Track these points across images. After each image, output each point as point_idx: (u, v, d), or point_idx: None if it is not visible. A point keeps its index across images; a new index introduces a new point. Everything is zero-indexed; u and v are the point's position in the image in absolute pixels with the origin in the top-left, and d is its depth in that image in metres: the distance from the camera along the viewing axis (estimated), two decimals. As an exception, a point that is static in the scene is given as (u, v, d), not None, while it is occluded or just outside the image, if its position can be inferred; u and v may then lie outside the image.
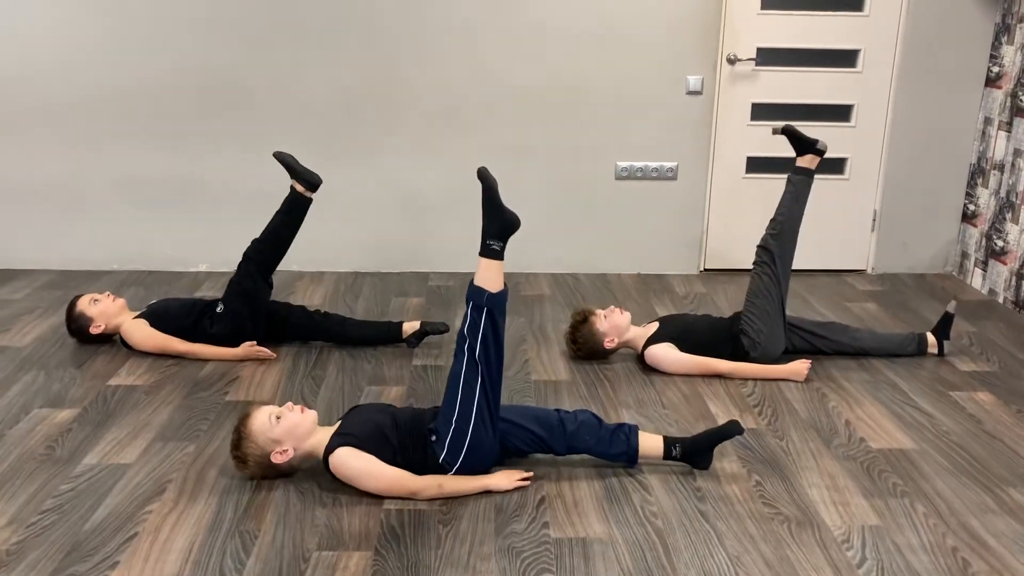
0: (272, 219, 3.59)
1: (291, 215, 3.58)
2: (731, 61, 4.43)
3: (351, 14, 4.31)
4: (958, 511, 2.56)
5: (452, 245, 4.62)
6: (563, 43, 4.37)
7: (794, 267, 4.43)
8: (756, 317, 3.43)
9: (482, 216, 2.57)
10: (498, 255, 2.55)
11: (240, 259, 3.55)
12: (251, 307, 3.53)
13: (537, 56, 4.40)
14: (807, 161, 3.54)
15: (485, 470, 2.62)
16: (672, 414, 3.13)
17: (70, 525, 2.42)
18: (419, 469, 2.55)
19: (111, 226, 4.56)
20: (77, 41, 4.31)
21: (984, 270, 4.47)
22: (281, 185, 4.64)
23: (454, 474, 2.56)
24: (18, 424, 2.98)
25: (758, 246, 3.53)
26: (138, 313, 3.58)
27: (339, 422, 2.65)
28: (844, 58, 4.48)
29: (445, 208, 4.58)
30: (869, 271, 4.77)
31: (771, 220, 3.54)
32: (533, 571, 2.27)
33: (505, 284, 2.56)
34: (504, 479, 2.61)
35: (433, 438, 2.55)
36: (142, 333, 3.48)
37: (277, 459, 2.54)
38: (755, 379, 3.39)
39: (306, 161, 4.64)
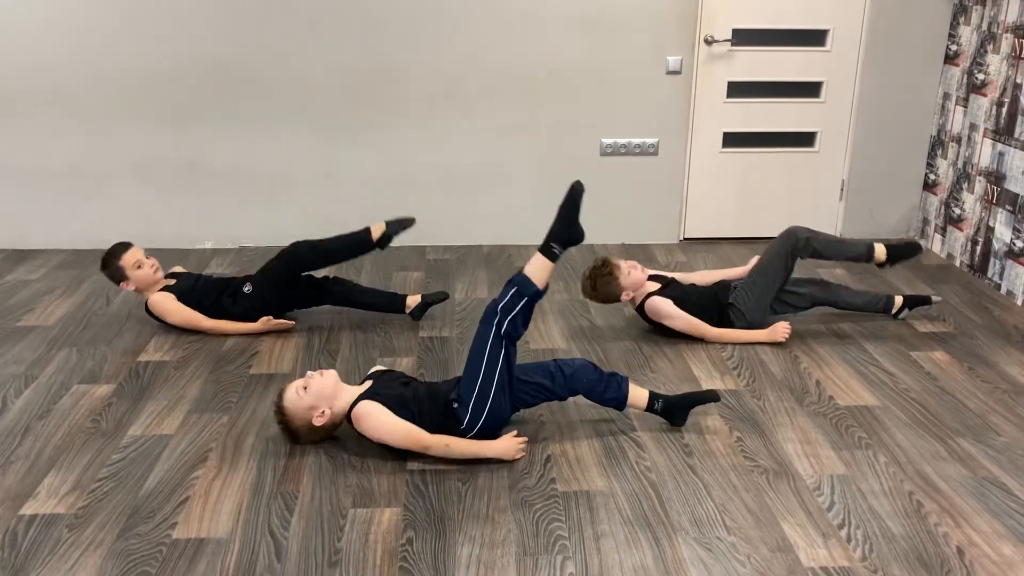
0: (336, 241, 3.79)
1: (353, 250, 3.85)
2: (708, 42, 4.68)
3: (350, 2, 4.50)
4: (914, 460, 2.91)
5: (447, 219, 4.88)
6: (550, 28, 4.60)
7: (766, 234, 4.78)
8: (753, 293, 3.72)
9: (556, 219, 2.88)
10: (555, 258, 2.85)
11: (286, 249, 3.76)
12: (279, 296, 3.77)
13: (526, 40, 4.62)
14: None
15: (497, 432, 2.92)
16: (659, 376, 3.44)
17: (127, 491, 2.70)
18: (439, 430, 2.84)
19: (121, 206, 4.77)
20: (86, 29, 4.47)
21: (943, 236, 4.81)
22: (281, 163, 4.87)
23: (471, 437, 2.86)
24: (62, 399, 3.24)
25: (803, 236, 3.73)
26: (163, 286, 3.77)
27: (369, 381, 2.94)
28: (814, 38, 4.75)
29: (441, 185, 4.83)
30: (838, 237, 5.09)
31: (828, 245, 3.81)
32: (545, 521, 2.58)
33: (547, 284, 2.85)
34: (506, 447, 2.86)
35: (456, 404, 2.84)
36: (171, 307, 3.70)
37: (318, 422, 2.83)
38: (738, 343, 3.70)
39: (309, 141, 4.89)
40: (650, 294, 3.74)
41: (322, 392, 2.85)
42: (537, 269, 2.83)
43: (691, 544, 2.48)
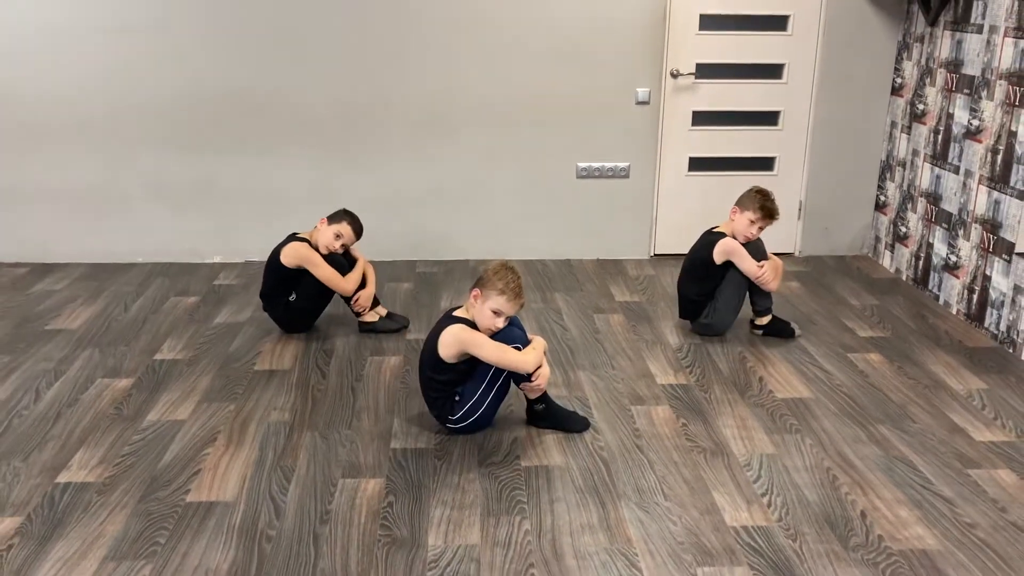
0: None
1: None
2: (674, 75, 5.13)
3: (346, 38, 4.97)
4: (836, 442, 3.31)
5: (436, 236, 5.32)
6: (529, 60, 5.06)
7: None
8: (721, 305, 4.14)
9: (560, 419, 3.37)
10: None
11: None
12: (317, 307, 4.26)
13: (507, 72, 5.08)
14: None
15: (482, 429, 3.36)
16: (619, 373, 3.86)
17: (147, 464, 3.11)
18: (431, 404, 3.28)
19: (137, 224, 5.21)
20: (105, 61, 4.94)
21: (892, 252, 5.24)
22: (283, 184, 5.33)
23: (456, 429, 3.28)
24: (87, 391, 3.65)
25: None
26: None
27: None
28: (771, 71, 5.20)
29: (429, 204, 5.27)
30: (796, 254, 5.51)
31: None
32: (507, 489, 2.98)
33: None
34: (535, 356, 3.21)
35: (458, 398, 3.25)
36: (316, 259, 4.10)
37: (473, 297, 3.22)
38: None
39: (309, 164, 5.34)
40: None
41: (485, 318, 3.20)
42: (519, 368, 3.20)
43: (632, 508, 2.89)
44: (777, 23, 5.12)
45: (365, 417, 3.45)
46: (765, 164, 5.35)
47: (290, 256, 4.08)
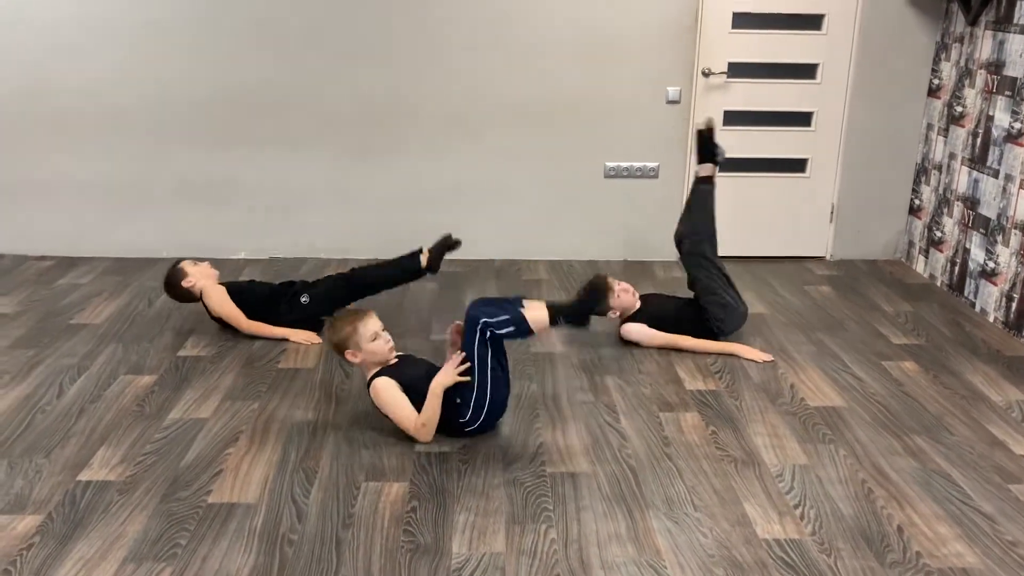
0: (392, 266, 4.20)
1: (407, 277, 4.23)
2: (706, 74, 5.04)
3: (370, 36, 4.93)
4: (871, 453, 3.22)
5: (460, 235, 5.24)
6: (557, 58, 4.99)
7: (760, 254, 5.14)
8: (717, 308, 4.05)
9: (576, 302, 3.23)
10: (555, 325, 3.16)
11: (349, 274, 4.20)
12: (332, 311, 4.07)
13: (534, 70, 5.01)
14: (707, 170, 4.10)
15: (496, 423, 3.28)
16: (647, 378, 3.78)
17: (168, 463, 3.08)
18: (441, 425, 3.20)
19: (162, 218, 5.20)
20: (134, 56, 4.92)
21: (926, 257, 5.12)
22: (307, 182, 5.30)
23: (474, 429, 3.22)
24: (110, 387, 3.63)
25: (689, 252, 4.07)
26: (223, 282, 4.18)
27: (396, 359, 3.30)
28: (805, 71, 5.10)
29: (454, 203, 5.22)
30: (827, 257, 5.41)
31: (689, 227, 4.09)
32: (533, 496, 2.92)
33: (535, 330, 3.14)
34: (445, 375, 3.14)
35: (458, 400, 3.18)
36: (220, 298, 4.08)
37: (350, 358, 3.24)
38: (713, 354, 4.02)
39: (332, 162, 5.31)
40: (625, 319, 4.09)
41: (376, 353, 3.22)
42: (537, 320, 3.12)
43: (661, 518, 2.82)
44: (812, 22, 5.02)
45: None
46: (797, 166, 5.25)
47: (209, 301, 4.11)
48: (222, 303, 4.09)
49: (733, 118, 5.13)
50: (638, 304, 4.10)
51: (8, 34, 4.87)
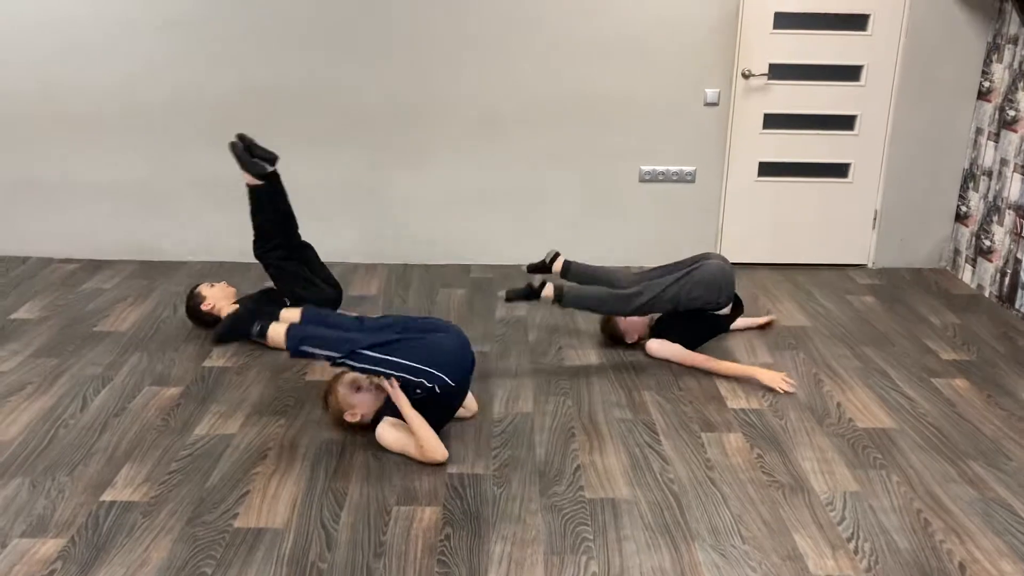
0: (253, 219, 4.17)
1: (260, 208, 4.17)
2: (745, 76, 4.88)
3: (400, 34, 4.80)
4: (926, 480, 3.07)
5: (491, 240, 5.14)
6: (591, 58, 4.84)
7: (800, 261, 4.98)
8: (660, 308, 3.85)
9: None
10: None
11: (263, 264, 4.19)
12: (303, 279, 4.08)
13: (567, 70, 4.87)
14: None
15: (463, 388, 3.24)
16: (687, 395, 3.64)
17: (194, 484, 2.98)
18: (421, 407, 3.11)
19: (186, 222, 5.10)
20: (158, 57, 4.82)
21: (974, 267, 4.93)
22: (333, 182, 5.19)
23: (450, 386, 3.10)
24: (135, 399, 3.54)
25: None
26: (241, 297, 4.16)
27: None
28: (849, 73, 4.92)
29: (484, 206, 5.09)
30: (870, 265, 5.23)
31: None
32: (572, 524, 2.80)
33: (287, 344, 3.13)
34: (397, 399, 3.12)
35: (418, 392, 3.10)
36: None
37: (349, 419, 3.19)
38: (736, 377, 3.79)
39: (360, 163, 5.19)
40: (648, 336, 4.00)
41: (368, 402, 3.16)
42: (277, 330, 3.19)
43: (707, 550, 2.68)
44: (856, 22, 4.84)
45: (420, 437, 3.28)
46: (839, 171, 5.07)
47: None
48: None
49: (774, 121, 4.96)
50: (645, 322, 4.04)
51: (32, 36, 4.78)
